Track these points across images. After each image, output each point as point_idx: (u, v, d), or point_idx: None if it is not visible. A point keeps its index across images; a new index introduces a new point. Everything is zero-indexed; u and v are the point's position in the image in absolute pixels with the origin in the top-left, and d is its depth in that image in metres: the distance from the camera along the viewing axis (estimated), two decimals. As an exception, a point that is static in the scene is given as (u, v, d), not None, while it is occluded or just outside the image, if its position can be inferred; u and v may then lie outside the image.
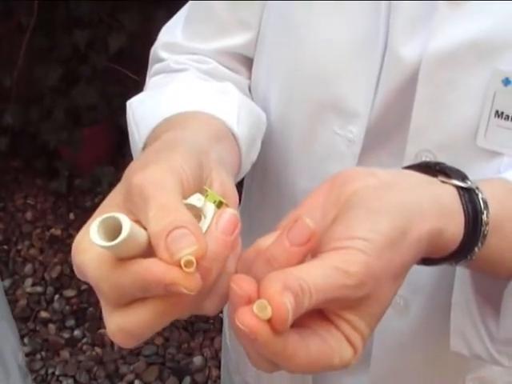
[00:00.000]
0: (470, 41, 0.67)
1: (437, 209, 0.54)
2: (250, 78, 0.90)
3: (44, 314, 2.57)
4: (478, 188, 0.58)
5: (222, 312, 2.30)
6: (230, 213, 0.48)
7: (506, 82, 0.67)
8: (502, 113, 0.68)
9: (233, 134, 0.69)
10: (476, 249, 0.57)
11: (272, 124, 0.86)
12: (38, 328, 2.52)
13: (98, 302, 0.49)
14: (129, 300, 0.46)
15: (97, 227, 0.43)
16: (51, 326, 2.53)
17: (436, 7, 0.67)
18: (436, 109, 0.71)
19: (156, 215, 0.45)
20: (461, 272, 0.70)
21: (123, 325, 0.46)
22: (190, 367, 2.38)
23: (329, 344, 0.49)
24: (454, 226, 0.55)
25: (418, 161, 0.72)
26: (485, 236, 0.57)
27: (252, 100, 0.87)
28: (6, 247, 2.79)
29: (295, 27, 0.79)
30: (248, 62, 0.89)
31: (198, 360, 2.40)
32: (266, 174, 0.91)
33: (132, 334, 0.47)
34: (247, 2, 0.84)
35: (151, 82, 0.89)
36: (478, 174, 0.69)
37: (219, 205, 0.50)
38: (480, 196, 0.57)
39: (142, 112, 0.75)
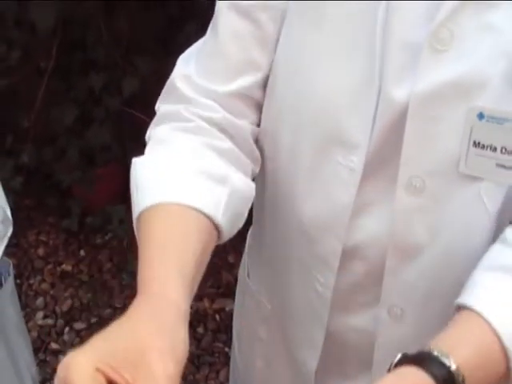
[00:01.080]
0: (449, 82, 0.79)
1: None
2: (255, 122, 0.97)
3: (54, 346, 2.65)
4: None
5: (227, 346, 2.37)
6: None
7: (481, 116, 0.78)
8: (479, 143, 0.80)
9: (216, 224, 0.83)
10: None
11: (280, 155, 0.96)
12: (48, 359, 2.60)
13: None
14: None
15: None
16: (61, 357, 2.58)
17: (420, 54, 0.79)
18: (423, 140, 0.82)
19: None
20: None
21: None
22: (196, 398, 2.44)
23: None
24: None
25: (410, 185, 0.84)
26: None
27: (254, 142, 0.96)
28: (18, 281, 2.86)
29: (303, 72, 0.89)
30: (254, 105, 0.96)
31: (203, 392, 2.48)
32: (275, 201, 1.00)
33: None
34: (259, 43, 0.92)
35: (159, 133, 0.93)
36: (461, 196, 0.82)
37: None
38: None
39: (142, 182, 0.86)
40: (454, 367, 0.69)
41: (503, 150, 0.79)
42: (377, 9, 0.81)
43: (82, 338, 2.67)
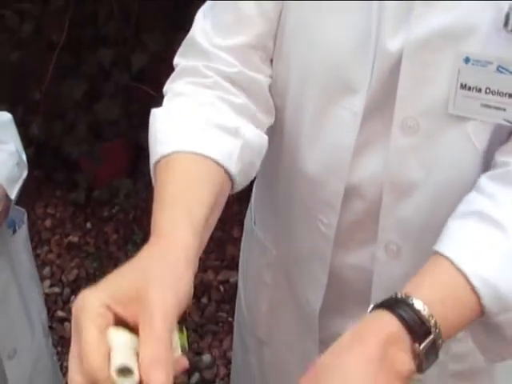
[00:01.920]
0: (440, 30, 0.86)
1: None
2: (269, 76, 1.01)
3: (61, 313, 2.71)
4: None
5: (231, 316, 2.41)
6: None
7: (466, 60, 0.85)
8: (466, 85, 0.87)
9: (229, 174, 0.88)
10: None
11: (287, 104, 1.01)
12: (54, 325, 2.65)
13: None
14: None
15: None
16: (67, 324, 2.65)
17: (413, 6, 0.86)
18: (416, 84, 0.89)
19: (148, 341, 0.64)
20: None
21: None
22: (199, 364, 2.50)
23: None
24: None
25: (405, 125, 0.91)
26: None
27: (269, 96, 1.01)
28: (26, 251, 2.91)
29: (309, 26, 0.95)
30: (269, 59, 1.01)
31: (207, 358, 2.53)
32: (280, 149, 1.05)
33: None
34: None
35: (176, 87, 0.98)
36: (451, 135, 0.90)
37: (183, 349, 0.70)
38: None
39: (160, 131, 0.91)
40: (417, 304, 0.75)
41: (487, 91, 0.86)
42: None
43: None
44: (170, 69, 1.02)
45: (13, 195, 1.31)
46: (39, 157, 3.08)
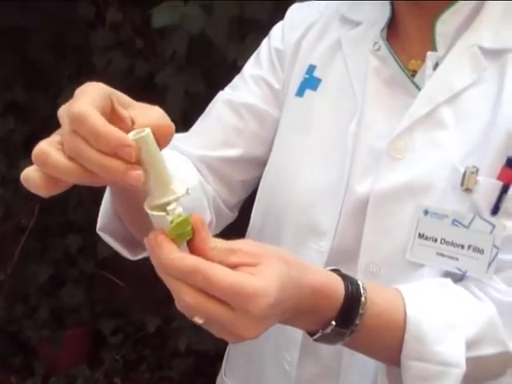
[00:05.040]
0: (402, 184, 0.94)
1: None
2: (217, 193, 1.11)
3: None
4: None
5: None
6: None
7: (426, 212, 0.93)
8: (423, 234, 0.93)
9: None
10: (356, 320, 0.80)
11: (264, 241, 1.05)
12: None
13: None
14: None
15: None
16: None
17: (381, 160, 0.96)
18: (379, 232, 0.96)
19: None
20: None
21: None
22: None
23: None
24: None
25: (368, 271, 0.96)
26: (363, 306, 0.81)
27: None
28: None
29: (290, 172, 1.05)
30: (218, 177, 1.11)
31: None
32: None
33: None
34: (236, 132, 1.11)
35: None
36: (407, 280, 0.94)
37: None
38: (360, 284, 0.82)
39: None
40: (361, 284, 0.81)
41: (442, 241, 0.93)
42: (349, 123, 1.00)
43: None
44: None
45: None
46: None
